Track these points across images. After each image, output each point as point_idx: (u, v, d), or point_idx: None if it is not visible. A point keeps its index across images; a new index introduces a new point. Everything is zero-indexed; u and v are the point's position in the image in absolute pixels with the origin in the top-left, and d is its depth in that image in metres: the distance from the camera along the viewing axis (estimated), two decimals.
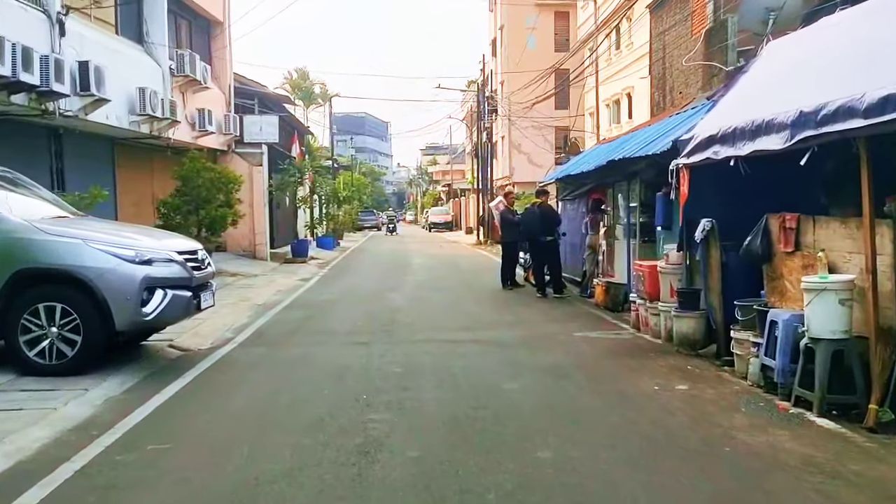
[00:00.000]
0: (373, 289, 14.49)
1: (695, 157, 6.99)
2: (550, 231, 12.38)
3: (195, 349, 8.27)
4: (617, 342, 8.22)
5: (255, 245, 21.04)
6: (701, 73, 13.09)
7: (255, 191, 21.02)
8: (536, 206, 12.56)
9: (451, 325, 9.60)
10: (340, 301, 12.62)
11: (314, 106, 42.22)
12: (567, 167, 15.08)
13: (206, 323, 9.80)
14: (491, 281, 15.45)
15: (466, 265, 20.74)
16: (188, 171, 16.30)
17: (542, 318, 10.20)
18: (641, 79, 26.30)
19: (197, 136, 18.11)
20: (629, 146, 10.34)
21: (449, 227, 53.30)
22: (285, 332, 9.39)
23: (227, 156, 20.85)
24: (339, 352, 7.95)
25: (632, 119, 30.96)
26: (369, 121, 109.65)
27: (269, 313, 11.13)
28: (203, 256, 7.60)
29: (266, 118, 21.22)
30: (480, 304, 11.95)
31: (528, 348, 7.88)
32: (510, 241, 13.79)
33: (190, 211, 16.32)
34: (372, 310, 11.32)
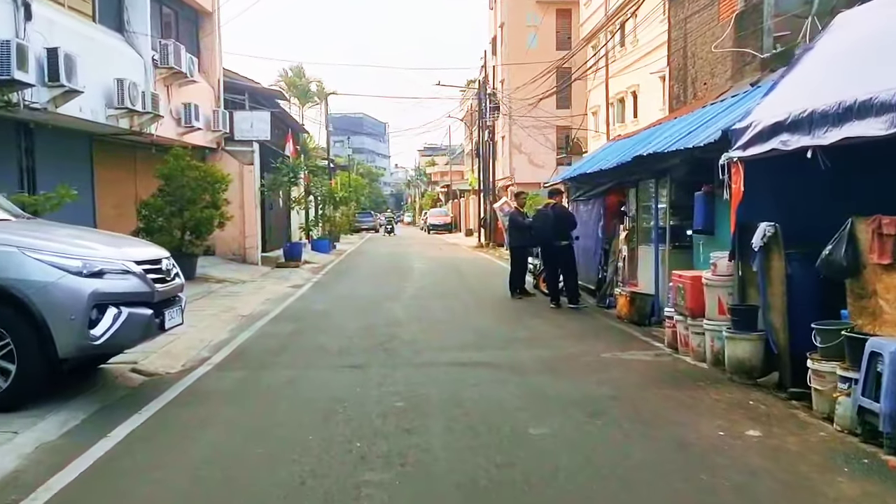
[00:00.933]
0: (370, 297, 13.33)
1: (754, 148, 5.86)
2: (565, 235, 11.24)
3: (163, 373, 7.11)
4: (654, 366, 7.07)
5: (246, 248, 19.87)
6: (730, 61, 11.96)
7: (246, 191, 19.86)
8: (549, 207, 11.42)
9: (458, 343, 8.45)
10: (334, 312, 11.46)
11: (310, 104, 41.06)
12: (581, 165, 13.95)
13: (182, 339, 8.64)
14: (497, 287, 14.30)
15: (469, 270, 19.59)
16: (171, 170, 15.16)
17: (561, 333, 9.05)
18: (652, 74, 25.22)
19: (183, 132, 16.96)
20: (658, 141, 9.20)
21: (448, 229, 52.13)
22: (270, 351, 8.23)
23: (217, 154, 19.69)
24: (330, 378, 6.79)
25: (637, 118, 29.99)
26: (367, 121, 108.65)
27: (254, 326, 9.97)
28: (169, 266, 6.44)
29: (257, 114, 20.07)
30: (488, 315, 10.80)
31: (551, 374, 6.73)
32: (519, 245, 12.65)
33: (173, 212, 15.17)
34: (369, 323, 10.17)
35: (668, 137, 8.74)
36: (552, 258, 11.43)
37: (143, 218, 14.88)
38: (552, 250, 11.31)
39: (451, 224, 53.40)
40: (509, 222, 12.68)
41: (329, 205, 30.36)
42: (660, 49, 25.21)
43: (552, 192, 11.73)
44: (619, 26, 29.55)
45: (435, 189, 73.41)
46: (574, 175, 13.52)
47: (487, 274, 18.14)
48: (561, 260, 11.28)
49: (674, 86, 14.64)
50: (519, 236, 12.59)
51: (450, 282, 16.26)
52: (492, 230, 30.00)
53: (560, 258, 11.28)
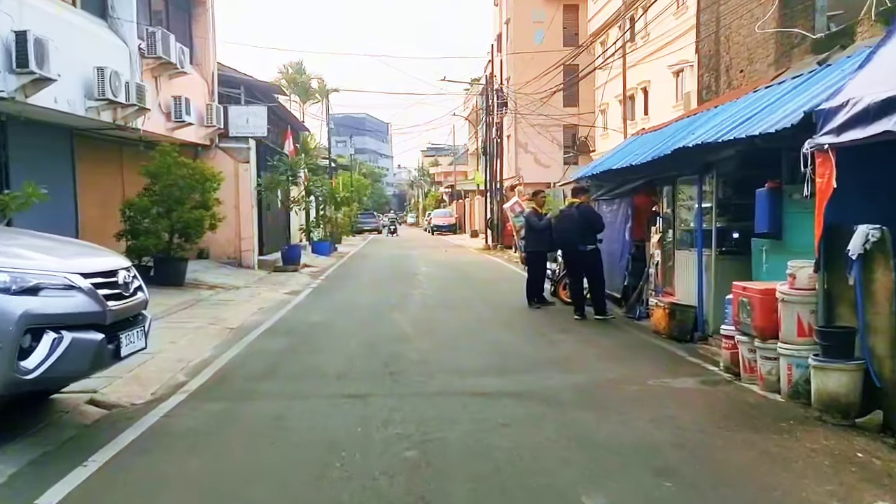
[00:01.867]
0: (373, 306, 12.16)
1: (852, 132, 4.68)
2: (591, 238, 10.06)
3: (127, 404, 5.96)
4: (717, 398, 5.87)
5: (241, 252, 18.72)
6: (773, 44, 10.79)
7: (242, 190, 18.72)
8: (574, 206, 10.22)
9: (477, 365, 7.27)
10: (333, 324, 10.30)
11: (311, 102, 39.87)
12: (603, 161, 12.76)
13: (157, 359, 7.48)
14: (511, 295, 13.13)
15: (478, 274, 18.40)
16: (158, 167, 14.02)
17: (595, 352, 7.86)
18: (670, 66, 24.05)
19: (173, 127, 15.81)
20: (703, 131, 8.01)
21: (452, 230, 50.97)
22: (257, 375, 7.06)
23: (210, 151, 18.55)
24: (325, 413, 5.62)
25: (648, 115, 28.83)
26: (370, 122, 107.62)
27: (243, 342, 8.80)
28: (128, 279, 5.26)
29: (254, 109, 18.92)
30: (507, 328, 9.61)
31: (594, 409, 5.54)
32: (538, 250, 11.47)
33: (161, 213, 14.03)
34: (372, 337, 8.99)
35: (718, 127, 7.55)
36: (577, 264, 10.25)
37: (127, 219, 13.73)
38: (577, 255, 10.13)
39: (455, 225, 52.24)
40: (526, 224, 11.50)
41: (330, 205, 29.21)
42: (674, 43, 24.13)
43: (577, 191, 10.52)
44: (630, 20, 28.44)
45: (438, 189, 72.24)
46: (596, 172, 12.34)
47: (499, 279, 16.97)
48: (587, 266, 10.10)
49: (703, 75, 13.46)
50: (537, 239, 11.41)
51: (459, 288, 15.08)
52: (499, 232, 28.83)
53: (586, 264, 10.09)
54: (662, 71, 26.54)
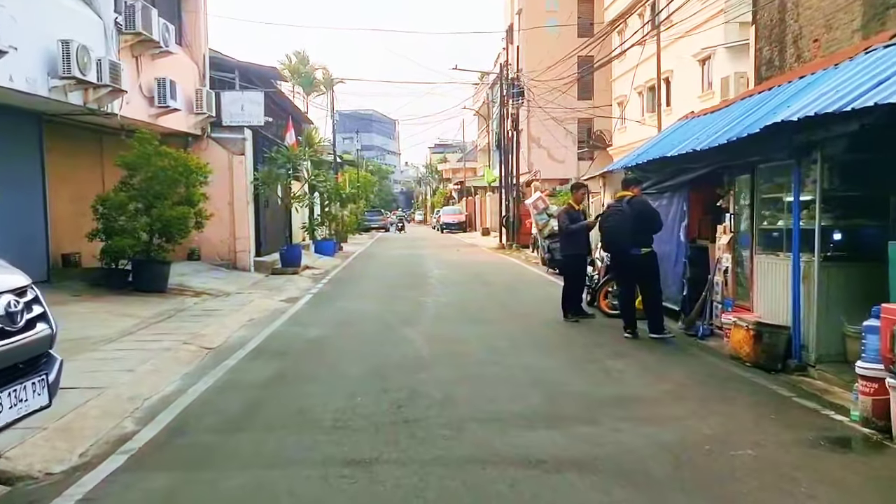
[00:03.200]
0: (380, 318, 10.44)
1: None
2: (646, 239, 8.28)
3: (39, 474, 4.26)
4: (883, 476, 4.11)
5: (236, 252, 17.04)
6: (858, 6, 8.98)
7: (237, 185, 17.04)
8: (625, 201, 8.42)
9: (519, 408, 5.50)
10: (333, 342, 8.57)
11: (315, 94, 38.11)
12: (650, 148, 10.97)
13: (104, 396, 5.81)
14: (539, 303, 11.40)
15: (497, 278, 16.63)
16: (136, 158, 12.33)
17: (667, 387, 6.08)
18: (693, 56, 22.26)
19: (157, 113, 14.12)
20: (804, 104, 6.22)
21: (462, 228, 49.21)
22: (228, 422, 5.34)
23: (202, 141, 16.87)
24: (311, 494, 3.89)
25: (670, 107, 27.02)
26: (377, 118, 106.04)
27: (219, 370, 7.09)
28: (15, 307, 3.54)
29: (249, 95, 17.21)
30: (545, 350, 7.85)
31: (705, 497, 3.79)
32: (575, 253, 9.71)
33: (139, 210, 12.35)
34: (380, 362, 7.26)
35: (830, 98, 5.76)
36: (628, 271, 8.46)
37: (100, 217, 12.04)
38: (628, 260, 8.35)
39: (465, 223, 50.47)
40: (565, 223, 9.70)
41: (335, 202, 27.50)
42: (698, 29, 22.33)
43: (628, 182, 8.69)
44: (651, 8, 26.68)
45: (447, 186, 70.43)
46: (640, 162, 10.56)
47: (521, 283, 15.21)
48: (640, 273, 8.32)
49: (763, 48, 11.63)
50: (574, 242, 9.65)
51: (478, 295, 13.32)
52: (515, 230, 27.06)
53: (639, 271, 8.32)
54: (686, 60, 24.76)
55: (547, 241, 16.67)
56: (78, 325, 9.07)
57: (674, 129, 11.54)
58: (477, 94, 56.57)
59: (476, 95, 56.76)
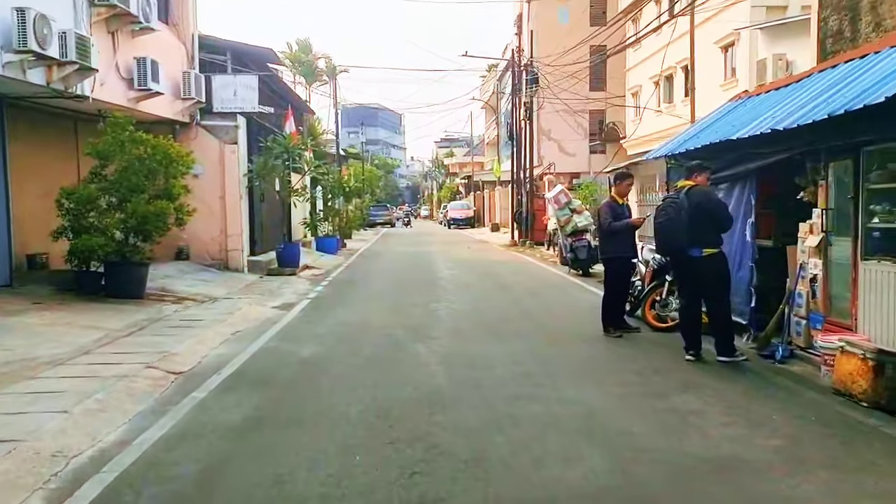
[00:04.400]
0: (387, 330, 8.92)
1: None
2: (711, 239, 6.71)
3: None
4: None
5: (228, 251, 15.54)
6: None
7: (228, 177, 15.54)
8: (684, 192, 6.84)
9: (576, 481, 3.96)
10: (330, 364, 7.05)
11: (318, 84, 36.53)
12: (700, 132, 9.39)
13: (16, 453, 4.31)
14: (568, 312, 9.90)
15: (514, 279, 15.08)
16: (108, 145, 10.84)
17: (774, 442, 4.50)
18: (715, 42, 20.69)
19: (137, 97, 12.62)
20: None
21: (470, 224, 47.64)
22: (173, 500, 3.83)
23: (190, 130, 15.38)
24: None
25: (688, 97, 25.41)
26: (382, 112, 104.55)
27: (182, 406, 5.58)
28: None
29: (243, 79, 15.68)
30: (592, 381, 6.30)
31: None
32: (619, 256, 8.15)
33: (112, 205, 10.86)
34: (386, 395, 5.74)
35: None
36: (688, 277, 6.89)
37: (66, 212, 10.55)
38: (687, 264, 6.78)
39: (473, 218, 48.89)
40: (607, 220, 8.11)
41: (338, 196, 26.01)
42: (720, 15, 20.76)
43: (694, 169, 7.03)
44: None
45: (454, 181, 68.80)
46: (691, 147, 9.00)
47: (542, 287, 13.64)
48: (704, 281, 6.76)
49: (828, 18, 10.03)
50: (617, 241, 8.09)
51: (497, 301, 11.77)
52: (528, 226, 25.50)
53: (702, 278, 6.75)
54: (706, 47, 23.14)
55: (570, 240, 15.16)
56: (26, 341, 7.60)
57: (726, 110, 9.96)
58: (484, 86, 54.94)
59: (483, 86, 55.13)
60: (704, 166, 6.96)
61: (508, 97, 42.59)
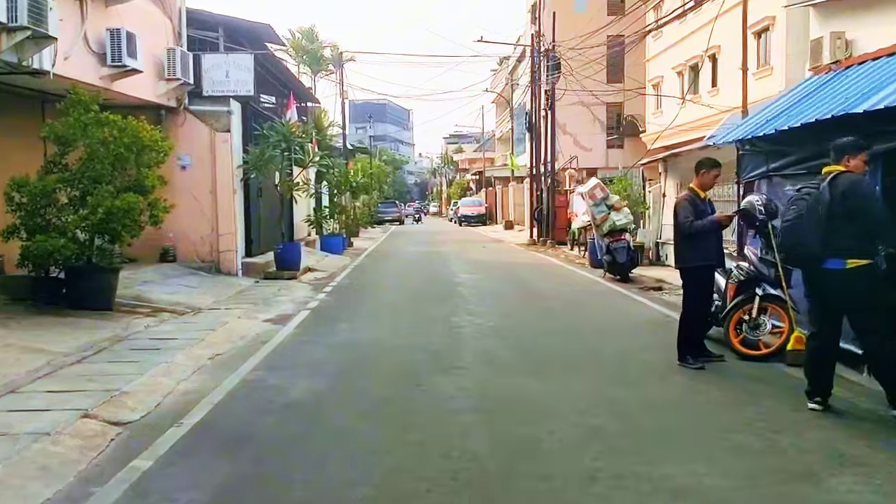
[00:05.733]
0: (399, 359, 7.13)
1: None
2: (854, 245, 4.82)
3: None
4: None
5: (220, 252, 13.82)
6: None
7: (220, 169, 13.81)
8: (829, 180, 4.91)
9: None
10: (324, 416, 5.25)
11: (323, 73, 34.72)
12: (790, 107, 7.54)
13: None
14: (625, 331, 8.09)
15: (545, 285, 13.23)
16: (69, 128, 9.10)
17: None
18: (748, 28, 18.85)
19: (112, 75, 10.89)
20: None
21: (482, 221, 45.80)
22: None
23: (177, 116, 13.66)
24: None
25: (716, 87, 23.51)
26: (390, 108, 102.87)
27: (108, 491, 3.82)
28: None
29: (236, 58, 13.92)
30: (696, 447, 4.48)
31: None
32: (701, 265, 6.33)
33: (73, 200, 9.14)
34: (401, 479, 3.97)
35: None
36: (827, 297, 5.01)
37: (17, 208, 8.81)
38: (825, 279, 4.92)
39: (485, 215, 47.05)
40: (688, 218, 6.25)
41: (344, 192, 24.26)
42: None
43: (844, 150, 5.04)
44: None
45: (465, 177, 66.93)
46: (779, 127, 7.16)
47: (583, 296, 11.79)
48: (846, 299, 4.89)
49: None
50: (701, 246, 6.26)
51: (531, 314, 9.97)
52: (549, 224, 23.66)
53: (844, 295, 4.88)
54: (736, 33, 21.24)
55: (606, 240, 13.34)
56: None
57: (815, 86, 8.10)
58: (495, 80, 53.04)
59: (494, 80, 53.23)
60: (860, 144, 5.04)
61: (524, 88, 40.83)
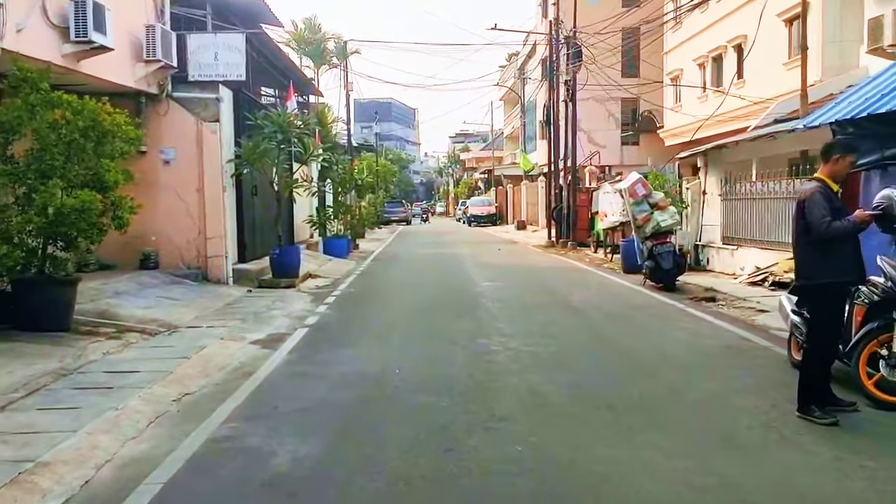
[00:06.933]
0: (420, 402, 5.44)
1: None
2: None
3: None
4: None
5: (208, 258, 12.19)
6: None
7: (208, 164, 12.19)
8: None
9: None
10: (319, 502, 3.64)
11: (327, 67, 33.15)
12: None
13: None
14: (699, 361, 6.39)
15: (581, 295, 11.51)
16: (14, 110, 7.47)
17: None
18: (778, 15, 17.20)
19: (76, 52, 9.27)
20: None
21: (493, 221, 44.10)
22: None
23: (159, 104, 12.06)
24: None
25: (742, 79, 21.79)
26: (396, 107, 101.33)
27: None
28: None
29: (226, 38, 12.29)
30: None
31: None
32: (837, 281, 4.64)
33: (18, 199, 7.50)
34: None
35: None
36: None
37: None
38: None
39: (496, 215, 45.32)
40: (823, 217, 4.54)
41: (349, 191, 22.64)
42: None
43: None
44: None
45: (472, 175, 65.21)
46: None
47: (629, 310, 10.07)
48: None
49: None
50: (835, 255, 4.57)
51: (577, 337, 8.27)
52: (570, 224, 21.96)
53: None
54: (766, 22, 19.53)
55: (649, 243, 11.64)
56: None
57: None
58: (503, 75, 51.32)
59: (503, 76, 51.50)
60: None
61: (536, 83, 39.16)
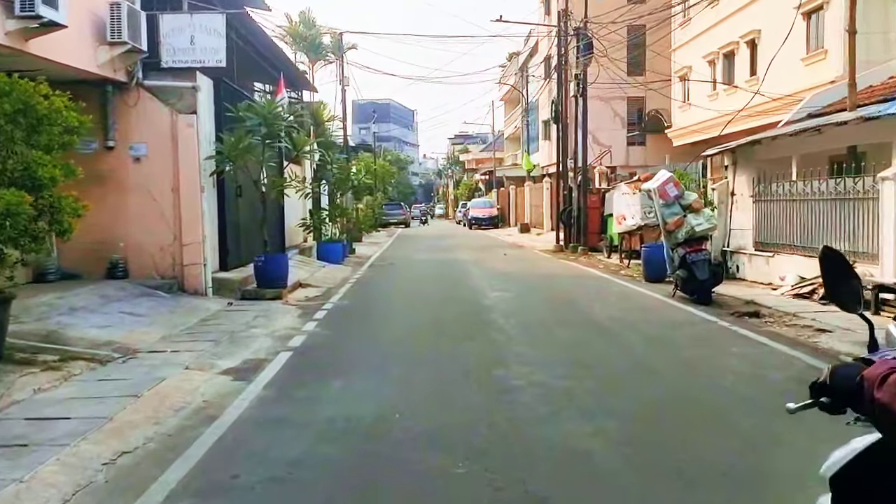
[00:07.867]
0: (428, 469, 4.09)
1: None
2: None
3: None
4: None
5: (183, 266, 10.84)
6: None
7: (184, 161, 10.84)
8: None
9: None
10: None
11: (322, 63, 31.76)
12: None
13: None
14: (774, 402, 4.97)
15: (606, 311, 10.13)
16: None
17: None
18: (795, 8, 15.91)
19: (23, 31, 7.96)
20: None
21: (495, 224, 42.69)
22: None
23: (127, 93, 10.74)
24: None
25: (755, 76, 20.46)
26: (394, 108, 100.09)
27: None
28: None
29: (203, 19, 10.92)
30: None
31: None
32: None
33: None
34: None
35: None
36: None
37: None
38: None
39: (498, 217, 43.94)
40: None
41: (346, 192, 21.30)
42: None
43: None
44: None
45: (473, 177, 63.89)
46: None
47: (667, 330, 8.68)
48: None
49: None
50: None
51: (620, 371, 6.88)
52: (580, 228, 20.61)
53: None
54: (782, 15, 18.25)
55: (682, 250, 10.28)
56: None
57: None
58: (504, 75, 50.07)
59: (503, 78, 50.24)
60: None
61: (539, 82, 37.92)
